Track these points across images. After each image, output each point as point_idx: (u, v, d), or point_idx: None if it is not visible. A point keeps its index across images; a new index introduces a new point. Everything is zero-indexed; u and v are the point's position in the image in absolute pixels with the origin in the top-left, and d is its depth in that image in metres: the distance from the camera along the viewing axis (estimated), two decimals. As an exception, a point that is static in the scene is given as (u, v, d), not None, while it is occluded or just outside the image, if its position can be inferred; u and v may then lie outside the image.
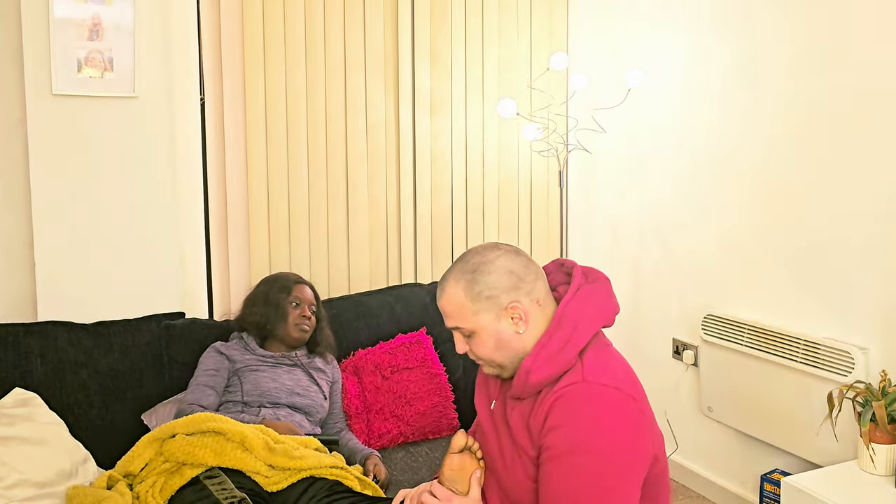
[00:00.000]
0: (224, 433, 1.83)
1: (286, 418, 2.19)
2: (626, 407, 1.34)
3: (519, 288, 1.40)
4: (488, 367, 1.47)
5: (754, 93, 2.62)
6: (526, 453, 1.39)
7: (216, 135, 2.72)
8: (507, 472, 1.44)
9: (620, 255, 3.31)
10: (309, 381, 2.31)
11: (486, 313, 1.40)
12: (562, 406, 1.33)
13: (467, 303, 1.40)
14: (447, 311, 1.44)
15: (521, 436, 1.40)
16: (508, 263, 1.41)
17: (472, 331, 1.41)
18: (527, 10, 3.20)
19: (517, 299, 1.40)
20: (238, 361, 2.28)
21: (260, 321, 2.34)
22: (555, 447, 1.32)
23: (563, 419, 1.32)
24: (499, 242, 1.47)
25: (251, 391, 2.21)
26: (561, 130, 3.14)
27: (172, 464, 1.82)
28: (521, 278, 1.41)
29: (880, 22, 2.22)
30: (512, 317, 1.40)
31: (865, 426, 2.08)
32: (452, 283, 1.42)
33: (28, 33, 2.31)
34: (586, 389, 1.33)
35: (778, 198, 2.55)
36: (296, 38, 2.78)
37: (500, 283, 1.40)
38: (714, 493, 2.90)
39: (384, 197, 3.00)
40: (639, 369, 3.24)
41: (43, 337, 2.25)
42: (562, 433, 1.32)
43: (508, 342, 1.41)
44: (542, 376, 1.37)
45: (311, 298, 2.41)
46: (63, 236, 2.40)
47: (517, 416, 1.42)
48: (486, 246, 1.46)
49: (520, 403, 1.42)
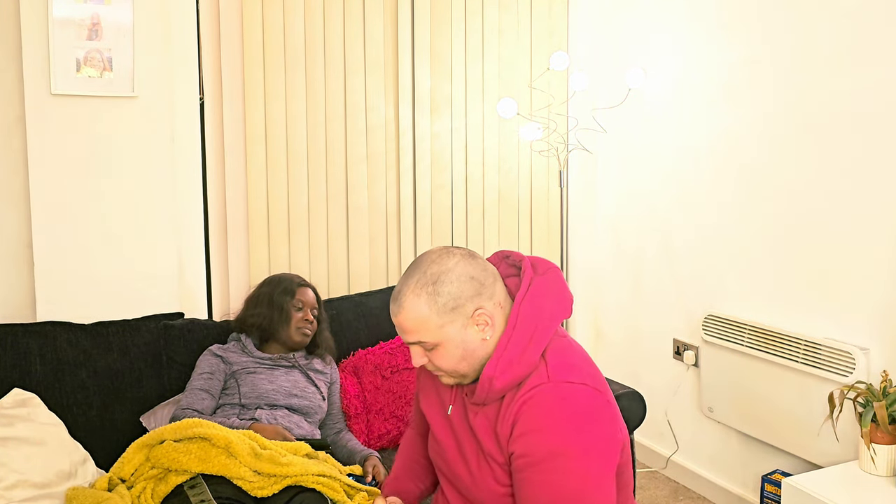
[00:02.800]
0: (210, 439, 1.83)
1: (283, 419, 2.18)
2: (595, 401, 1.32)
3: (481, 294, 1.34)
4: (448, 377, 1.40)
5: (754, 92, 2.62)
6: (495, 460, 1.35)
7: (215, 135, 2.72)
8: (475, 480, 1.39)
9: (621, 255, 3.31)
10: (307, 382, 2.30)
11: (452, 325, 1.33)
12: (531, 410, 1.30)
13: (432, 316, 1.32)
14: (407, 328, 1.35)
15: (489, 442, 1.36)
16: (468, 269, 1.35)
17: (437, 343, 1.34)
18: (527, 9, 3.19)
19: (481, 305, 1.34)
20: (235, 364, 2.27)
21: (262, 323, 2.33)
22: (531, 453, 1.29)
23: (534, 423, 1.29)
24: (449, 247, 1.39)
25: (248, 393, 2.20)
26: (561, 130, 3.14)
27: (159, 470, 1.82)
28: (482, 283, 1.35)
29: (881, 22, 2.21)
30: (478, 323, 1.34)
31: (866, 427, 2.08)
32: (411, 297, 1.33)
33: (27, 33, 2.30)
34: (554, 390, 1.30)
35: (778, 198, 2.55)
36: (295, 37, 2.78)
37: (463, 291, 1.33)
38: (715, 494, 2.89)
39: (384, 197, 2.99)
40: (639, 369, 3.24)
41: (42, 337, 2.24)
42: (536, 438, 1.29)
43: (474, 351, 1.35)
44: (506, 381, 1.32)
45: (313, 301, 2.40)
46: (62, 236, 2.40)
47: (482, 421, 1.37)
48: (437, 252, 1.37)
49: (483, 408, 1.38)
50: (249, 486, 1.79)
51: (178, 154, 2.58)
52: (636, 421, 2.40)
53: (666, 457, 3.12)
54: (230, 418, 2.14)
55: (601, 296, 3.44)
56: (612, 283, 3.36)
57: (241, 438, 1.85)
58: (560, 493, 1.27)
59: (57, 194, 2.38)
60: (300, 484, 1.82)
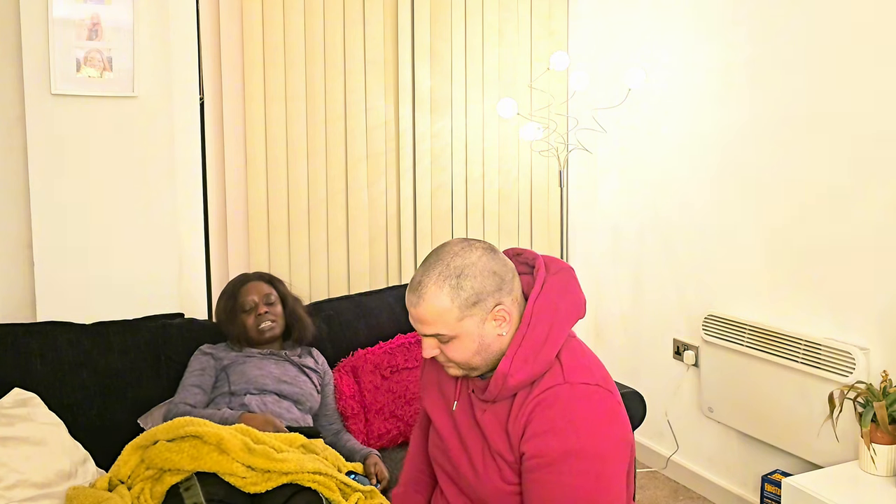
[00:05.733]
0: (201, 436, 1.82)
1: (273, 405, 2.18)
2: (609, 404, 1.32)
3: (501, 289, 1.33)
4: (457, 369, 1.39)
5: (754, 92, 2.62)
6: (503, 458, 1.35)
7: (215, 135, 2.72)
8: (480, 479, 1.38)
9: (621, 255, 3.31)
10: (297, 372, 2.30)
11: (471, 319, 1.32)
12: (546, 410, 1.30)
13: (453, 310, 1.31)
14: (426, 319, 1.33)
15: (498, 440, 1.35)
16: (490, 263, 1.33)
17: (454, 336, 1.33)
18: (527, 9, 3.19)
19: (501, 300, 1.33)
20: (225, 358, 2.28)
21: (233, 333, 2.34)
22: (545, 454, 1.29)
23: (549, 424, 1.29)
24: (469, 238, 1.38)
25: (237, 381, 2.21)
26: (561, 130, 3.14)
27: (154, 471, 1.82)
28: (502, 278, 1.34)
29: (882, 21, 2.21)
30: (496, 318, 1.33)
31: (866, 427, 2.08)
32: (433, 289, 1.31)
33: (27, 33, 2.30)
34: (570, 391, 1.31)
35: (779, 197, 2.55)
36: (295, 37, 2.78)
37: (485, 286, 1.32)
38: (715, 494, 2.89)
39: (384, 197, 2.99)
40: (639, 369, 3.24)
41: (42, 337, 2.24)
42: (551, 439, 1.28)
43: (489, 345, 1.34)
44: (520, 379, 1.32)
45: (262, 291, 2.36)
46: (62, 236, 2.39)
47: (491, 419, 1.37)
48: (459, 245, 1.35)
49: (492, 406, 1.37)
50: (242, 482, 1.78)
51: (178, 154, 2.58)
52: (636, 421, 2.40)
53: (666, 457, 3.12)
54: (220, 407, 2.14)
55: (601, 296, 3.44)
56: (612, 283, 3.36)
57: (233, 434, 1.84)
58: (572, 495, 1.27)
59: (57, 194, 2.38)
60: (296, 482, 1.82)
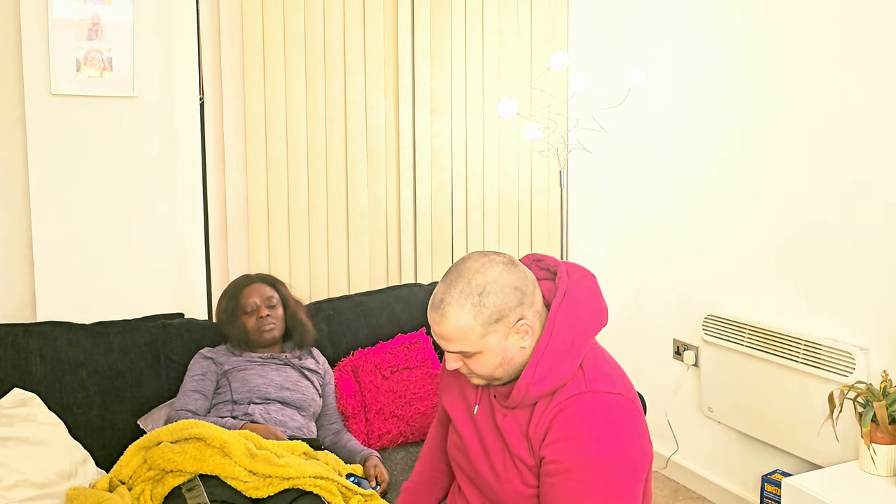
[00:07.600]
0: (205, 439, 1.83)
1: (277, 413, 2.18)
2: (629, 413, 1.32)
3: (523, 303, 1.33)
4: (480, 380, 1.39)
5: (754, 93, 2.62)
6: (524, 462, 1.35)
7: (215, 135, 2.72)
8: (500, 482, 1.39)
9: (621, 255, 3.31)
10: (299, 377, 2.30)
11: (495, 334, 1.32)
12: (567, 418, 1.30)
13: (476, 327, 1.30)
14: (449, 337, 1.32)
15: (518, 445, 1.36)
16: (511, 279, 1.33)
17: (477, 352, 1.33)
18: (527, 10, 3.19)
19: (523, 315, 1.33)
20: (226, 363, 2.27)
21: (233, 334, 2.34)
22: (563, 460, 1.29)
23: (569, 431, 1.29)
24: (488, 252, 1.37)
25: (239, 389, 2.20)
26: (561, 130, 3.14)
27: (156, 472, 1.83)
28: (524, 292, 1.34)
29: (882, 21, 2.21)
30: (518, 332, 1.33)
31: (866, 427, 2.08)
32: (456, 307, 1.30)
33: (27, 33, 2.30)
34: (591, 399, 1.31)
35: (779, 198, 2.55)
36: (295, 37, 2.78)
37: (507, 302, 1.31)
38: (715, 494, 2.89)
39: (384, 197, 2.99)
40: (639, 369, 3.24)
41: (42, 337, 2.24)
42: (569, 445, 1.29)
43: (512, 358, 1.35)
44: (542, 389, 1.32)
45: (264, 294, 2.36)
46: (62, 236, 2.39)
47: (511, 424, 1.37)
48: (479, 261, 1.34)
49: (513, 411, 1.38)
50: (244, 486, 1.79)
51: (178, 154, 2.58)
52: (636, 421, 2.40)
53: (666, 457, 3.12)
54: (224, 417, 2.14)
55: (601, 296, 3.43)
56: (612, 283, 3.36)
57: (236, 438, 1.85)
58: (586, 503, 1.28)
59: (57, 194, 2.38)
60: (298, 486, 1.82)
